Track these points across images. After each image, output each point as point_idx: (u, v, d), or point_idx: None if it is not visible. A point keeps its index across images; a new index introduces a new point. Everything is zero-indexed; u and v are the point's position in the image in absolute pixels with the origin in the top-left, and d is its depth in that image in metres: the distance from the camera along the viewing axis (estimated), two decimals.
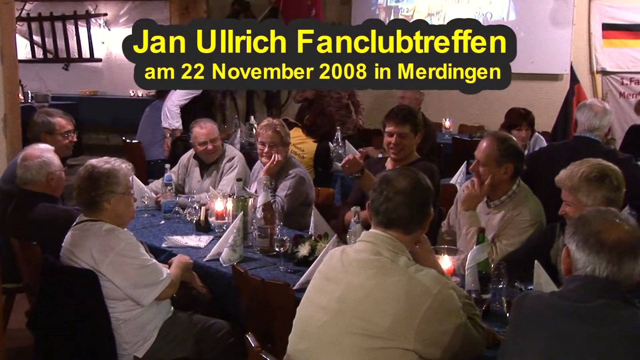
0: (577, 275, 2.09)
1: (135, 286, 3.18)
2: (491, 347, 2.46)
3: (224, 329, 3.40)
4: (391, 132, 4.06)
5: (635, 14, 8.64)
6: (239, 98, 10.33)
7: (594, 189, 2.93)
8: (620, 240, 2.03)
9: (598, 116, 4.32)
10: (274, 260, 3.58)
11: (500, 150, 3.50)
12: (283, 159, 4.60)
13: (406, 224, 2.46)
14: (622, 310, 1.96)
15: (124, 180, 3.30)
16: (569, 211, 3.02)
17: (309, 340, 2.41)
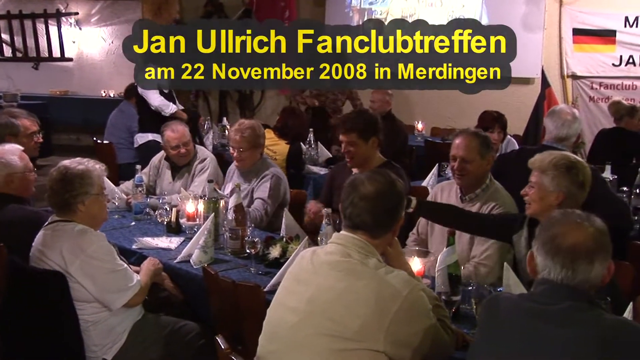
0: (544, 278, 2.11)
1: (104, 290, 3.14)
2: (460, 349, 2.48)
3: (194, 331, 3.37)
4: (341, 140, 4.09)
5: (604, 20, 8.77)
6: (212, 99, 10.30)
7: (559, 175, 2.98)
8: (576, 245, 2.03)
9: (566, 125, 4.31)
10: (245, 262, 3.57)
11: (482, 143, 3.63)
12: (255, 160, 4.59)
13: (370, 229, 2.45)
14: (588, 312, 1.98)
15: (97, 181, 3.27)
16: (530, 193, 3.07)
17: (278, 342, 2.40)
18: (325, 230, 3.28)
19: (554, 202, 2.98)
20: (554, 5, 8.93)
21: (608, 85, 8.92)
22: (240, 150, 4.54)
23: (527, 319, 2.04)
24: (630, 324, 2.03)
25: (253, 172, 4.59)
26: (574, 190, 2.98)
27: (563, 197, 2.97)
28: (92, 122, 10.11)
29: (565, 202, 2.95)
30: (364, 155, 4.08)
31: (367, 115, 4.14)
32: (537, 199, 3.04)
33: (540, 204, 3.03)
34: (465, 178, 3.65)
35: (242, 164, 4.60)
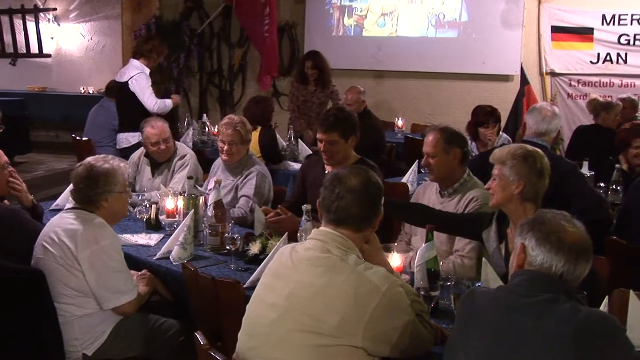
0: (522, 270, 2.14)
1: (103, 287, 3.15)
2: (439, 344, 2.49)
3: (174, 328, 3.37)
4: (320, 139, 4.07)
5: (582, 17, 8.85)
6: (192, 96, 10.26)
7: (517, 164, 3.04)
8: (577, 242, 2.10)
9: (546, 120, 4.40)
10: (224, 258, 3.57)
11: (445, 138, 3.69)
12: (242, 156, 4.60)
13: (357, 222, 2.48)
14: (564, 304, 2.01)
15: (121, 179, 3.35)
16: (493, 185, 3.13)
17: (257, 338, 2.40)
18: (305, 226, 3.28)
19: (515, 190, 3.03)
20: (533, 2, 8.99)
21: (586, 82, 9.01)
22: (231, 144, 4.53)
23: (504, 312, 2.06)
24: (604, 316, 2.05)
25: (239, 167, 4.59)
26: (533, 178, 3.04)
27: (523, 185, 3.02)
28: (71, 118, 10.03)
29: (525, 190, 3.02)
30: (342, 154, 4.08)
31: (347, 114, 4.13)
32: (499, 190, 3.09)
33: (502, 194, 3.08)
34: (433, 173, 3.74)
35: (231, 159, 4.59)
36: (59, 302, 3.16)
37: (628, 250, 3.81)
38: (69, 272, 3.14)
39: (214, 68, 10.30)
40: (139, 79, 6.58)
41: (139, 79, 6.59)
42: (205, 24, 10.00)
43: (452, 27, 9.34)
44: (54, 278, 3.16)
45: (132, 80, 6.59)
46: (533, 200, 3.05)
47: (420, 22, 9.43)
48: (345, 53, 9.63)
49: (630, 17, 8.66)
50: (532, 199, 3.05)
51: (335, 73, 9.42)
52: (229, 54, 10.20)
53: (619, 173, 4.83)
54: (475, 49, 9.17)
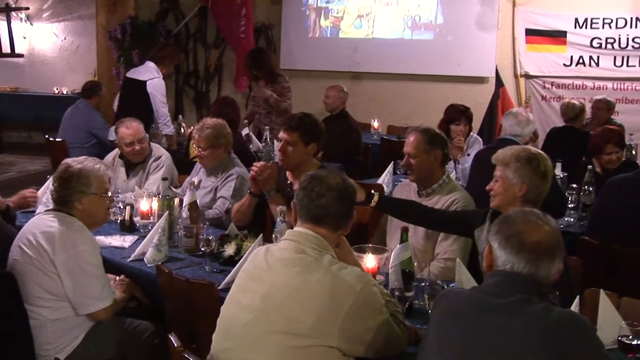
0: (497, 270, 2.16)
1: (78, 292, 3.11)
2: (413, 344, 2.50)
3: (149, 331, 3.35)
4: (280, 137, 3.98)
5: (555, 21, 8.94)
6: (168, 97, 10.16)
7: (521, 167, 3.06)
8: (540, 242, 2.10)
9: (521, 124, 4.66)
10: (199, 260, 3.55)
11: (426, 139, 3.73)
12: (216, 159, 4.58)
13: (336, 221, 2.50)
14: (537, 304, 2.02)
15: (96, 181, 3.27)
16: (495, 187, 3.15)
17: (232, 340, 2.40)
18: (279, 227, 3.28)
19: (518, 193, 3.06)
20: (508, 5, 9.06)
21: (559, 84, 9.09)
22: (199, 148, 4.54)
23: (478, 312, 2.08)
24: (576, 317, 2.08)
25: (218, 169, 4.59)
26: (537, 181, 3.06)
27: (526, 188, 3.04)
28: (44, 119, 9.92)
29: (528, 193, 3.04)
30: (299, 158, 3.93)
31: (313, 120, 4.04)
32: (502, 192, 3.12)
33: (504, 195, 3.11)
34: (413, 173, 3.77)
35: (203, 163, 4.61)
36: (33, 305, 3.12)
37: (600, 250, 3.85)
38: (45, 275, 3.10)
39: (190, 69, 10.25)
40: (158, 84, 6.71)
41: (159, 85, 6.72)
42: (181, 25, 9.96)
43: (428, 29, 9.38)
44: (30, 281, 3.12)
45: (151, 82, 6.67)
46: (534, 203, 3.05)
47: (396, 24, 9.46)
48: (322, 54, 9.64)
49: (602, 20, 8.76)
50: (534, 202, 3.05)
51: (311, 74, 9.47)
52: (205, 55, 10.16)
53: (591, 174, 4.89)
54: (450, 51, 9.23)
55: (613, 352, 2.44)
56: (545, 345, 1.93)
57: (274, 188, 3.94)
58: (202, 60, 10.19)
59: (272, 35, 9.90)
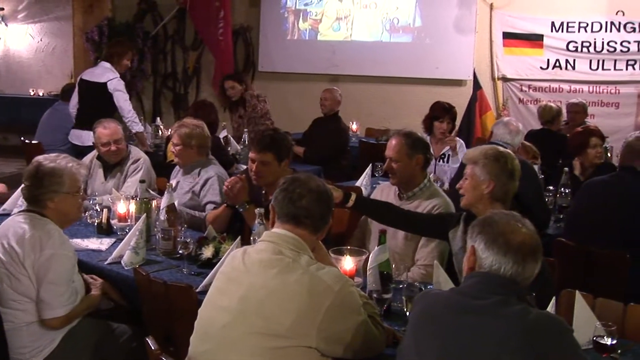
0: (475, 272, 2.17)
1: (40, 297, 3.06)
2: (391, 346, 2.51)
3: (127, 334, 3.33)
4: (252, 158, 3.93)
5: (532, 24, 9.02)
6: (146, 99, 10.15)
7: (488, 163, 3.10)
8: (524, 242, 2.13)
9: (512, 134, 4.81)
10: (177, 262, 3.53)
11: (409, 144, 3.74)
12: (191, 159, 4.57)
13: (315, 222, 2.51)
14: (515, 305, 2.04)
15: (68, 180, 3.22)
16: (464, 185, 3.18)
17: (210, 342, 2.39)
18: (257, 230, 3.27)
19: (485, 190, 3.09)
20: (485, 9, 9.12)
21: (536, 87, 9.16)
22: (176, 145, 4.55)
23: (457, 314, 2.08)
24: (553, 318, 2.09)
25: (195, 168, 4.58)
26: (504, 178, 3.10)
27: (493, 185, 3.08)
28: (20, 121, 9.83)
29: (495, 190, 3.07)
30: (274, 176, 3.84)
31: (283, 136, 4.01)
32: (470, 189, 3.15)
33: (472, 193, 3.14)
34: (395, 177, 3.78)
35: (181, 160, 4.61)
36: (8, 308, 3.09)
37: (576, 251, 3.89)
38: (17, 278, 3.07)
39: (168, 71, 10.22)
40: (118, 83, 6.63)
41: (119, 84, 6.64)
42: (159, 27, 9.92)
43: (406, 32, 9.42)
44: (3, 283, 3.08)
45: (110, 83, 6.60)
46: (502, 201, 3.10)
47: (374, 26, 9.49)
48: (300, 57, 9.64)
49: (578, 24, 8.85)
50: (502, 200, 3.10)
51: (290, 77, 9.47)
52: (183, 57, 10.13)
53: (567, 177, 4.94)
54: (429, 53, 9.28)
55: (588, 352, 2.47)
56: (523, 346, 1.94)
57: (247, 200, 3.90)
58: (180, 62, 10.16)
59: (250, 38, 9.89)
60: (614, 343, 2.50)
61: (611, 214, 4.00)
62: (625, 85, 8.80)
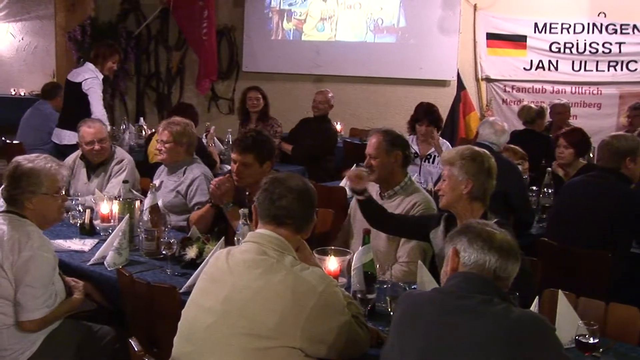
0: (459, 272, 2.18)
1: (17, 299, 3.03)
2: (375, 346, 2.51)
3: (109, 335, 3.30)
4: (234, 159, 3.94)
5: (516, 25, 9.07)
6: (129, 99, 10.10)
7: (466, 164, 3.13)
8: (505, 241, 2.18)
9: (497, 133, 4.88)
10: (161, 263, 3.52)
11: (387, 140, 3.79)
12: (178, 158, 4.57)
13: (297, 222, 2.50)
14: (498, 305, 2.05)
15: (47, 181, 3.17)
16: (443, 187, 3.21)
17: (194, 343, 2.38)
18: (241, 230, 3.27)
19: (464, 190, 3.11)
20: (469, 10, 9.16)
21: (520, 88, 9.21)
22: (164, 142, 4.53)
23: (440, 313, 2.09)
24: (536, 317, 2.11)
25: (180, 168, 4.57)
26: (482, 177, 3.13)
27: (472, 184, 3.10)
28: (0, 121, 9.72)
29: (474, 189, 3.10)
30: (255, 177, 3.82)
31: (265, 138, 4.03)
32: (449, 190, 3.17)
33: (451, 194, 3.16)
34: (374, 174, 3.80)
35: (167, 158, 4.58)
36: None
37: (558, 251, 3.92)
38: None
39: (152, 71, 10.16)
40: (93, 82, 6.54)
41: (93, 83, 6.55)
42: (143, 27, 9.86)
43: (390, 32, 9.44)
44: None
45: (85, 82, 6.53)
46: (481, 199, 3.14)
47: (358, 27, 9.50)
48: (284, 57, 9.63)
49: (561, 26, 8.91)
50: (481, 198, 3.14)
51: (274, 77, 9.46)
52: (166, 57, 10.08)
53: (550, 177, 4.98)
54: (413, 54, 9.29)
55: (570, 351, 2.48)
56: (506, 345, 1.96)
57: (231, 201, 3.92)
58: (163, 62, 10.11)
59: (234, 38, 9.86)
60: (596, 342, 2.52)
61: (592, 214, 4.03)
62: (607, 86, 8.88)
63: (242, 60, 9.85)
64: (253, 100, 7.08)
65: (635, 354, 2.64)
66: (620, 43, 8.74)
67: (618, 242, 3.95)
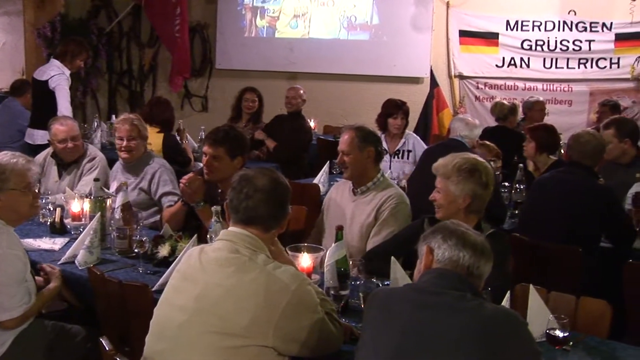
0: (432, 268, 2.19)
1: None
2: (349, 342, 2.52)
3: (81, 335, 3.28)
4: (205, 152, 3.92)
5: (488, 22, 9.13)
6: (100, 96, 10.00)
7: (463, 180, 3.09)
8: (478, 240, 2.20)
9: (469, 127, 4.97)
10: (133, 261, 3.50)
11: (360, 137, 3.79)
12: (141, 153, 4.58)
13: (265, 222, 2.49)
14: (471, 301, 2.06)
15: (14, 176, 3.12)
16: (437, 198, 3.17)
17: (166, 341, 2.37)
18: (214, 228, 3.26)
19: (462, 204, 3.09)
20: (442, 7, 9.20)
21: (492, 85, 9.27)
22: (129, 139, 4.50)
23: (413, 309, 2.10)
24: (509, 313, 2.12)
25: (139, 165, 4.56)
26: (480, 191, 3.10)
27: (470, 199, 3.07)
28: None
29: (472, 204, 3.07)
30: (225, 172, 3.79)
31: (238, 133, 4.02)
32: (446, 204, 3.13)
33: (449, 208, 3.13)
34: (347, 170, 3.82)
35: (130, 156, 4.54)
36: None
37: (530, 246, 3.95)
38: None
39: (124, 68, 10.06)
40: (59, 79, 6.46)
41: (59, 80, 6.47)
42: (114, 23, 9.76)
43: (364, 29, 9.44)
44: None
45: (52, 79, 6.44)
46: (478, 211, 3.12)
47: (332, 24, 9.49)
48: (258, 54, 9.60)
49: (532, 23, 8.98)
50: (477, 211, 3.11)
51: (247, 74, 9.42)
52: (139, 54, 9.99)
53: (522, 173, 5.02)
54: (386, 51, 9.31)
55: (542, 345, 2.51)
56: (479, 341, 1.97)
57: (202, 199, 3.91)
58: (136, 59, 10.02)
59: (207, 35, 9.80)
60: (566, 335, 2.55)
61: (562, 209, 4.07)
62: (577, 84, 8.97)
63: (215, 57, 9.79)
64: (249, 102, 7.12)
65: (605, 347, 2.68)
66: (590, 41, 8.83)
67: (588, 236, 4.00)
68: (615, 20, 8.70)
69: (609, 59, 8.84)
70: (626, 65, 8.73)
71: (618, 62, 8.80)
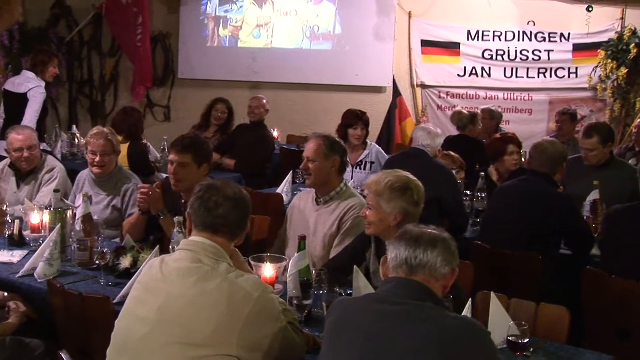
0: (391, 277, 2.20)
1: None
2: (312, 352, 2.52)
3: (40, 349, 3.20)
4: (171, 160, 3.87)
5: (449, 32, 9.24)
6: (60, 106, 9.85)
7: (395, 198, 3.09)
8: (424, 233, 2.22)
9: (431, 135, 5.01)
10: (94, 273, 3.46)
11: (326, 145, 3.82)
12: (113, 168, 4.52)
13: (233, 229, 2.50)
14: (433, 310, 2.08)
15: None
16: (369, 214, 3.17)
17: (128, 353, 2.34)
18: (176, 238, 3.23)
19: (393, 222, 3.08)
20: (404, 17, 9.28)
21: (454, 94, 9.37)
22: (102, 154, 4.42)
23: (373, 319, 2.10)
24: (470, 322, 2.14)
25: (111, 181, 4.49)
26: (411, 209, 3.10)
27: (401, 217, 3.08)
28: None
29: (403, 220, 3.05)
30: (192, 180, 3.68)
31: (203, 140, 4.01)
32: (377, 221, 3.13)
33: (379, 225, 3.13)
34: (311, 177, 3.83)
35: (103, 170, 4.47)
36: None
37: (490, 254, 3.99)
38: None
39: (84, 77, 9.93)
40: (36, 92, 6.48)
41: (36, 92, 6.48)
42: (75, 32, 9.64)
43: (326, 39, 9.48)
44: None
45: (30, 92, 6.45)
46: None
47: (295, 33, 9.51)
48: (221, 64, 9.57)
49: (492, 33, 9.13)
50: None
51: (210, 84, 9.38)
52: (100, 63, 9.87)
53: (483, 181, 5.08)
54: (348, 61, 9.36)
55: (502, 351, 2.54)
56: (441, 350, 1.97)
57: (164, 208, 3.87)
58: (97, 68, 9.90)
59: (169, 44, 9.74)
60: (526, 341, 2.58)
61: (522, 216, 4.12)
62: (537, 92, 9.14)
63: (178, 66, 9.73)
64: (219, 112, 7.13)
65: (564, 352, 2.72)
66: (549, 50, 9.01)
67: (547, 243, 4.06)
68: (573, 30, 8.90)
69: (567, 68, 9.03)
70: (584, 75, 8.92)
71: (576, 72, 9.00)
